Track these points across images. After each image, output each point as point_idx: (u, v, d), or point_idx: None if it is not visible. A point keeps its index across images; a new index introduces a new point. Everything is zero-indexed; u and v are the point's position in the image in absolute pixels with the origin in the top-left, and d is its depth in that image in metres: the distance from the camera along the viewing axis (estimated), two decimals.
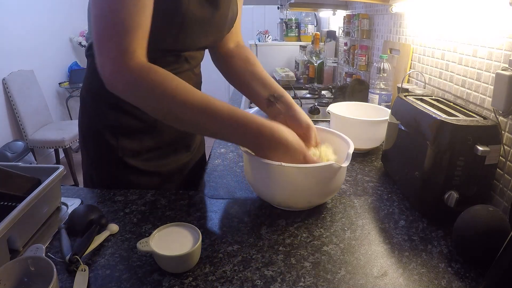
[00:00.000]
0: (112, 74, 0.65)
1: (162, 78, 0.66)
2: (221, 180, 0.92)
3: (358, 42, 1.92)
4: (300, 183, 0.72)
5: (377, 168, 1.00)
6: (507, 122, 0.78)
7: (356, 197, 0.84)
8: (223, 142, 1.20)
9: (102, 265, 0.61)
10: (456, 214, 0.65)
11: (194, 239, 0.61)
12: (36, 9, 3.28)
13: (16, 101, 2.92)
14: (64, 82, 3.69)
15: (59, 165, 0.76)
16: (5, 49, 2.91)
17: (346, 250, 0.65)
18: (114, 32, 0.63)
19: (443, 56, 1.08)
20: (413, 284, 0.57)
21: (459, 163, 0.69)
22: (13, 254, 0.61)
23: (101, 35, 0.64)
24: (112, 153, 0.85)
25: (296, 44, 2.81)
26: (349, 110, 1.16)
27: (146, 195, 0.83)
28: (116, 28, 0.63)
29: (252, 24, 4.65)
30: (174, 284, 0.56)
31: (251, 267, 0.60)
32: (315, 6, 2.44)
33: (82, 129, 0.90)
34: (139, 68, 0.64)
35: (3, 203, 0.65)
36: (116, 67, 0.64)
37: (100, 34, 0.64)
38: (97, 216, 0.69)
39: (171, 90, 0.65)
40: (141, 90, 0.65)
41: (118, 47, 0.63)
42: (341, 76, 2.27)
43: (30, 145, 2.96)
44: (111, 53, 0.64)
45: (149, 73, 0.65)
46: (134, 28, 0.64)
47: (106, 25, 0.64)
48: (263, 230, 0.71)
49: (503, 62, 0.80)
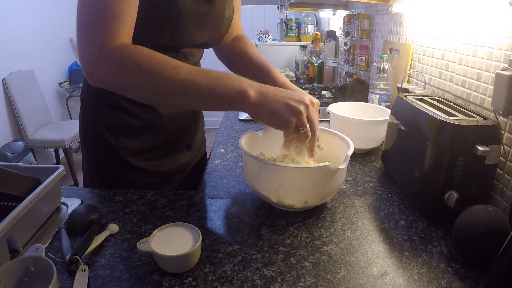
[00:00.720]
0: (93, 59, 0.62)
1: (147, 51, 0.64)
2: (221, 180, 0.92)
3: (358, 42, 1.92)
4: (295, 182, 0.72)
5: (377, 168, 1.00)
6: (507, 122, 0.78)
7: (356, 197, 0.84)
8: (223, 142, 1.20)
9: (102, 265, 0.61)
10: (456, 214, 0.65)
11: (194, 239, 0.61)
12: (36, 9, 3.28)
13: (16, 101, 2.92)
14: (64, 82, 3.69)
15: (59, 165, 0.76)
16: (5, 49, 2.90)
17: (346, 250, 0.65)
18: (98, 17, 0.62)
19: (443, 56, 1.08)
20: (413, 284, 0.57)
21: (459, 163, 0.69)
22: (13, 254, 0.61)
23: (84, 21, 0.62)
24: (113, 153, 0.85)
25: (296, 44, 2.81)
26: (349, 110, 1.16)
27: (146, 195, 0.83)
28: (100, 14, 0.62)
29: (252, 24, 4.65)
30: (174, 284, 0.56)
31: (251, 267, 0.60)
32: (315, 6, 2.44)
33: (82, 130, 0.90)
34: (123, 47, 0.63)
35: (3, 203, 0.65)
36: (98, 51, 0.62)
37: (84, 20, 0.62)
38: (97, 216, 0.69)
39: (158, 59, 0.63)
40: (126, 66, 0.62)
41: (100, 31, 0.61)
42: (341, 76, 2.27)
43: (30, 145, 2.96)
44: (93, 38, 0.62)
45: (135, 49, 0.63)
46: (118, 15, 0.62)
47: (90, 11, 0.62)
48: (263, 230, 0.71)
49: (503, 62, 0.80)
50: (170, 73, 0.63)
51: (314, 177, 0.71)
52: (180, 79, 0.63)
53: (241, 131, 1.32)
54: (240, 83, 0.66)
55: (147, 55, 0.63)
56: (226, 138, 1.26)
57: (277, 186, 0.73)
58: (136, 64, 0.62)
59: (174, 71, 0.63)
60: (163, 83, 0.63)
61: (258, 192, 0.78)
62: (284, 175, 0.71)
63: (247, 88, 0.65)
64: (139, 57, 0.62)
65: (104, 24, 0.61)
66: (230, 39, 0.99)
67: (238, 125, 1.40)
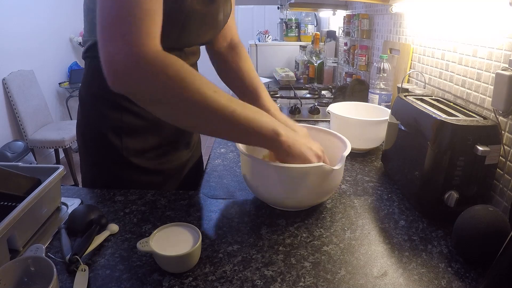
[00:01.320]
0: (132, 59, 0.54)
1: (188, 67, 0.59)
2: (221, 180, 0.92)
3: (358, 42, 1.92)
4: (290, 182, 0.72)
5: (377, 168, 1.00)
6: (507, 122, 0.78)
7: (356, 197, 0.84)
8: (223, 142, 1.20)
9: (102, 265, 0.61)
10: (456, 214, 0.65)
11: (194, 239, 0.61)
12: (36, 9, 3.28)
13: (16, 101, 2.92)
14: (64, 82, 3.69)
15: (59, 165, 0.76)
16: (5, 49, 2.90)
17: (346, 250, 0.65)
18: (131, 13, 0.54)
19: (443, 56, 1.08)
20: (413, 284, 0.57)
21: (459, 163, 0.69)
22: (13, 254, 0.61)
23: (113, 15, 0.54)
24: (116, 154, 0.84)
25: (296, 44, 2.81)
26: (349, 110, 1.17)
27: (146, 195, 0.83)
28: (132, 10, 0.54)
29: (252, 24, 4.65)
30: (174, 284, 0.56)
31: (251, 267, 0.60)
32: (315, 6, 2.44)
33: (81, 131, 0.89)
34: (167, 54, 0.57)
35: (3, 203, 0.65)
36: (134, 50, 0.54)
37: (112, 14, 0.54)
38: (97, 216, 0.69)
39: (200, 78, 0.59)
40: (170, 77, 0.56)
41: (137, 29, 0.54)
42: (341, 76, 2.27)
43: (30, 145, 2.96)
44: (130, 35, 0.54)
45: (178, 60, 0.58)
46: (152, 13, 0.56)
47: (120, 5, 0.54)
48: (263, 230, 0.71)
49: (503, 62, 0.80)
50: (213, 96, 0.59)
51: (308, 177, 0.71)
52: (222, 104, 0.60)
53: None
54: (273, 121, 0.68)
55: (190, 70, 0.58)
56: None
57: (271, 185, 0.73)
58: (180, 77, 0.57)
59: (217, 95, 0.60)
60: (204, 104, 0.59)
61: (253, 190, 0.78)
62: (278, 174, 0.71)
63: (278, 128, 0.67)
64: (183, 70, 0.58)
65: (139, 21, 0.54)
66: (225, 44, 0.98)
67: None
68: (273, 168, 0.70)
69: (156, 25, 0.57)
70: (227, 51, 0.98)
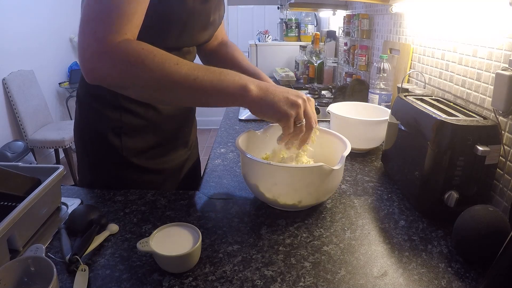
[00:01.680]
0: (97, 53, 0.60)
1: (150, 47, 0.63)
2: (221, 180, 0.92)
3: (358, 42, 1.91)
4: (289, 182, 0.72)
5: (377, 168, 1.00)
6: (507, 122, 0.78)
7: (356, 197, 0.84)
8: (223, 142, 1.20)
9: (102, 265, 0.61)
10: (456, 214, 0.65)
11: (194, 239, 0.61)
12: (36, 9, 3.27)
13: (16, 101, 2.92)
14: (64, 82, 3.69)
15: (59, 165, 0.76)
16: (5, 49, 2.90)
17: (346, 250, 0.65)
18: (108, 14, 0.60)
19: (443, 56, 1.08)
20: (413, 284, 0.57)
21: (459, 163, 0.69)
22: (13, 254, 0.61)
23: (92, 16, 0.61)
24: (116, 154, 0.84)
25: (296, 44, 2.81)
26: (349, 110, 1.17)
27: (146, 195, 0.83)
28: (110, 11, 0.60)
29: (252, 24, 4.65)
30: (174, 284, 0.56)
31: (251, 267, 0.60)
32: (315, 6, 2.44)
33: (80, 132, 0.89)
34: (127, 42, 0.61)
35: (3, 203, 0.65)
36: (102, 44, 0.60)
37: (92, 15, 0.61)
38: (97, 216, 0.69)
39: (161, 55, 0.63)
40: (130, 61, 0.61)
41: (108, 27, 0.60)
42: (341, 76, 2.26)
43: (30, 145, 2.96)
44: (99, 33, 0.60)
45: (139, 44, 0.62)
46: (129, 14, 0.62)
47: (100, 7, 0.61)
48: (263, 230, 0.71)
49: (503, 62, 0.80)
50: (174, 68, 0.63)
51: (307, 177, 0.71)
52: (183, 74, 0.63)
53: (241, 131, 1.31)
54: (241, 78, 0.67)
55: (150, 50, 0.62)
56: (226, 138, 1.26)
57: (271, 185, 0.73)
58: (140, 59, 0.61)
59: (177, 67, 0.63)
60: (166, 79, 0.63)
61: (253, 190, 0.78)
62: (278, 174, 0.71)
63: (248, 83, 0.66)
64: (143, 52, 0.61)
65: (113, 21, 0.60)
66: (215, 44, 1.00)
67: (238, 125, 1.40)
68: (273, 168, 0.70)
69: (132, 25, 0.63)
70: (219, 47, 1.00)
